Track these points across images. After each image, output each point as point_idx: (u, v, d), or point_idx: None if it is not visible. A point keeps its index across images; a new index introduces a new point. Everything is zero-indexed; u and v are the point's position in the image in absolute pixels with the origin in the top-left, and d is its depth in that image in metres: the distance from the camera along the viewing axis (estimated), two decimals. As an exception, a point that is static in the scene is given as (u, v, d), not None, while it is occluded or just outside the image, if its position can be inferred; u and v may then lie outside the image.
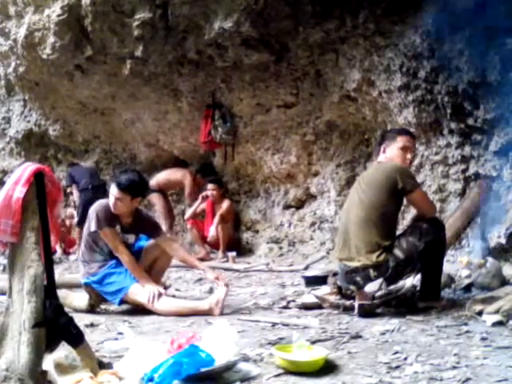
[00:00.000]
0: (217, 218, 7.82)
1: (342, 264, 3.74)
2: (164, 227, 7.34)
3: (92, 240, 4.14)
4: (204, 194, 8.11)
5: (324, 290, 4.09)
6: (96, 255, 4.14)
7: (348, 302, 3.77)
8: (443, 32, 5.02)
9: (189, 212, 8.23)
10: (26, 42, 7.14)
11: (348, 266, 3.67)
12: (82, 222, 6.82)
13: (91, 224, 4.08)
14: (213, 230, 7.80)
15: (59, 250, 8.46)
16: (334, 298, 3.88)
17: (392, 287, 3.86)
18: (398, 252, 3.59)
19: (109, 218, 4.07)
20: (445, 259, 3.91)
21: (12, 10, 7.18)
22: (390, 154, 3.81)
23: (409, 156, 3.83)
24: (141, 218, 4.32)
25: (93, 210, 4.15)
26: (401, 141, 3.82)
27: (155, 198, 8.48)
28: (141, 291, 3.94)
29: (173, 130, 8.32)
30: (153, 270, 4.31)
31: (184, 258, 4.38)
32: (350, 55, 6.01)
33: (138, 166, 8.92)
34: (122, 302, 4.03)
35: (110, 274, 4.05)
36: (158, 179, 8.52)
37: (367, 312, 3.60)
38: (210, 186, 8.11)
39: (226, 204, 8.03)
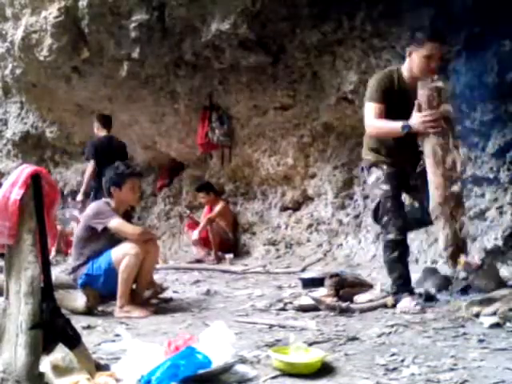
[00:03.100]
0: (203, 222, 7.90)
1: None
2: None
3: (83, 244, 4.18)
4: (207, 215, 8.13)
5: (321, 292, 4.09)
6: (84, 258, 4.16)
7: (344, 304, 3.78)
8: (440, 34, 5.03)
9: (195, 233, 7.95)
10: (23, 44, 7.13)
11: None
12: None
13: (98, 226, 4.11)
14: (196, 234, 7.85)
15: (53, 253, 8.43)
16: (330, 300, 3.88)
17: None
18: None
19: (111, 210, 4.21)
20: (442, 261, 3.92)
21: (9, 11, 7.18)
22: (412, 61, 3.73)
23: (433, 65, 3.66)
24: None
25: (92, 210, 4.22)
26: (427, 49, 3.64)
27: None
28: (123, 248, 4.02)
29: (170, 132, 8.32)
30: (142, 271, 4.21)
31: None
32: (347, 57, 6.01)
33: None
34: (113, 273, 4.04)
35: (94, 260, 4.11)
36: None
37: None
38: (199, 194, 8.30)
39: (218, 207, 8.06)
